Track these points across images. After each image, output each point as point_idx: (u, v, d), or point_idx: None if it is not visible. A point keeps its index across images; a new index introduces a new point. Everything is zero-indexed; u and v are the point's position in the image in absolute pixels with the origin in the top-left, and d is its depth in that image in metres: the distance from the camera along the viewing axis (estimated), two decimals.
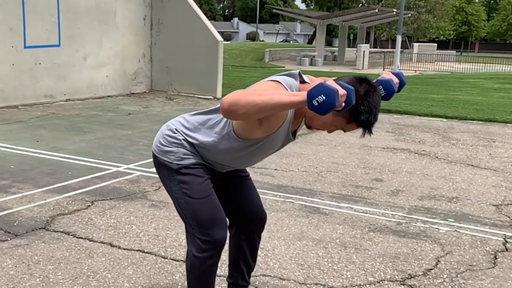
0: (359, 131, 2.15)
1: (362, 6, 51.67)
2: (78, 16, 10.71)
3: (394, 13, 31.56)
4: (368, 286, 3.12)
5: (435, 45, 39.40)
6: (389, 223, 4.21)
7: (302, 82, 2.16)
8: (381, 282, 3.17)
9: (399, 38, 24.54)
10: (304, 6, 75.49)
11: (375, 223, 4.20)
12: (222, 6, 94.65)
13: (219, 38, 11.80)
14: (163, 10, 12.21)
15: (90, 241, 3.63)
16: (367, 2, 55.00)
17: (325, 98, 1.83)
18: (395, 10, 31.99)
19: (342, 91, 1.87)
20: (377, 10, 31.92)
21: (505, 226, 4.24)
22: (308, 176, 5.56)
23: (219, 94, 11.75)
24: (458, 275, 3.30)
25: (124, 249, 3.52)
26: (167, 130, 2.38)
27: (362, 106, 2.02)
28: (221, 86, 11.87)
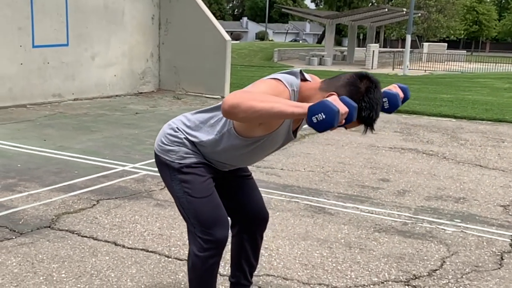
0: (360, 130, 2.13)
1: (371, 6, 51.46)
2: (87, 15, 10.76)
3: (404, 12, 31.41)
4: (372, 286, 3.09)
5: (445, 44, 39.18)
6: (394, 224, 4.18)
7: (304, 80, 2.14)
8: (385, 283, 3.14)
9: (409, 38, 24.46)
10: (313, 6, 75.44)
11: (381, 223, 4.17)
12: (231, 5, 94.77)
13: (227, 38, 11.80)
14: (171, 9, 12.23)
15: (95, 239, 3.64)
16: (377, 1, 54.75)
17: (324, 117, 1.81)
18: (405, 9, 31.84)
19: (344, 110, 1.86)
20: (386, 10, 31.78)
21: None
22: (314, 176, 5.53)
23: (227, 94, 11.74)
24: (463, 276, 3.27)
25: (128, 248, 3.52)
26: (169, 129, 2.37)
27: (363, 103, 2.00)
28: (229, 85, 11.88)
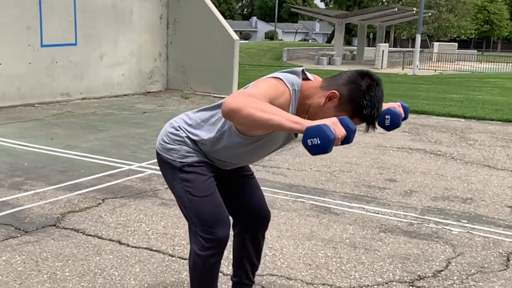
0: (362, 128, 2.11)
1: (381, 5, 51.31)
2: (95, 15, 10.80)
3: (414, 12, 31.28)
4: (376, 287, 3.07)
5: (456, 44, 38.96)
6: (400, 224, 4.15)
7: (305, 79, 2.13)
8: (389, 283, 3.12)
9: (419, 37, 24.34)
10: (323, 5, 75.21)
11: (387, 224, 4.14)
12: (240, 5, 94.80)
13: (235, 37, 11.80)
14: (179, 9, 12.25)
15: (99, 238, 3.64)
16: (387, 1, 54.59)
17: (319, 143, 1.79)
18: (415, 9, 31.72)
19: (341, 134, 1.83)
20: (396, 9, 31.65)
21: None
22: (320, 175, 5.51)
23: None
24: (469, 277, 3.24)
25: (132, 247, 3.52)
26: (170, 127, 2.36)
27: (365, 101, 1.99)
28: (237, 85, 11.87)
